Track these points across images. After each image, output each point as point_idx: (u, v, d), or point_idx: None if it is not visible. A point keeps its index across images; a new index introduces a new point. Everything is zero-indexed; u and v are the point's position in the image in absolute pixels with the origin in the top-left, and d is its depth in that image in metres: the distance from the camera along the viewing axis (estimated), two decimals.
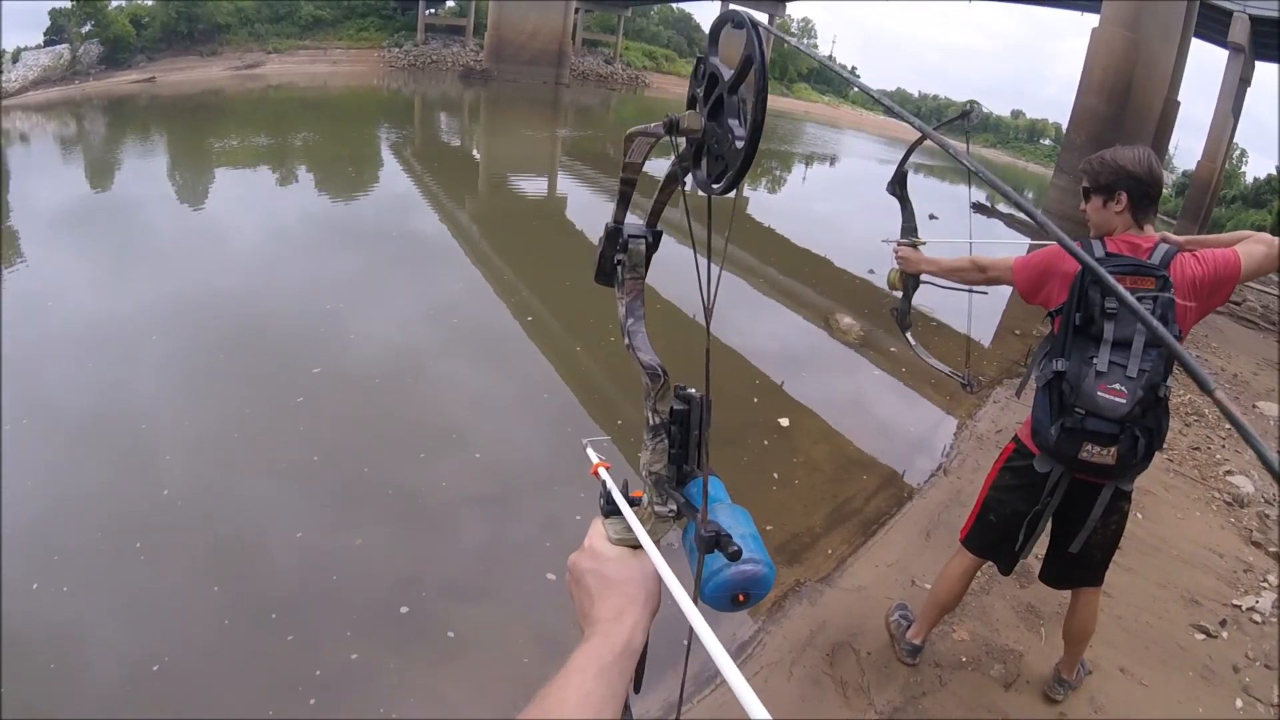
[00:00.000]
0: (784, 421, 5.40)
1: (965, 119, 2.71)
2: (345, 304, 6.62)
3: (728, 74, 0.71)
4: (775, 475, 4.67)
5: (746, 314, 7.87)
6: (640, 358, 0.86)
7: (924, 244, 2.93)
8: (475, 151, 20.11)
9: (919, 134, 2.51)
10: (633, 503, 0.89)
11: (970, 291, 2.88)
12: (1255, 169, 63.61)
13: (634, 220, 0.92)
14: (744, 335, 7.01)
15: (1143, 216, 2.32)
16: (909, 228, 2.99)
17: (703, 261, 0.80)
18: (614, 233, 0.91)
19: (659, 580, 0.81)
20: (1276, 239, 2.29)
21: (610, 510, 0.89)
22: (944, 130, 2.72)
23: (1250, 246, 2.29)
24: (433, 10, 54.27)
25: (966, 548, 2.80)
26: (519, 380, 5.70)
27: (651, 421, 0.85)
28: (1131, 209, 2.30)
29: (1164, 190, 2.48)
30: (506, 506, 4.11)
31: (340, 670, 2.91)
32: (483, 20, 46.94)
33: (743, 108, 0.71)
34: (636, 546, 0.84)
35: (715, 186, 0.73)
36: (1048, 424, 2.28)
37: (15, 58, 36.24)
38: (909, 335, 3.11)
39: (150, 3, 41.35)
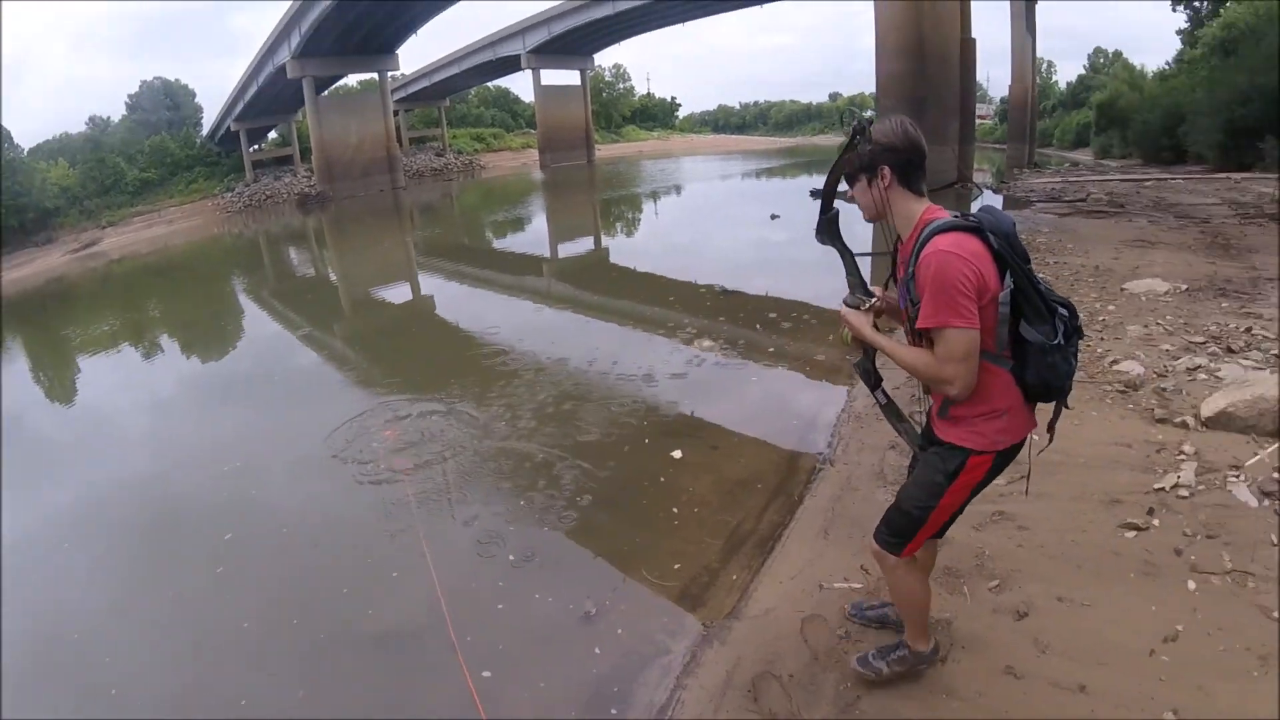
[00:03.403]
0: (676, 454, 5.38)
1: (860, 135, 2.28)
2: (253, 458, 6.44)
3: None
4: (675, 511, 4.63)
5: (623, 354, 7.95)
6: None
7: (877, 301, 2.43)
8: (331, 275, 20.04)
9: (833, 163, 2.37)
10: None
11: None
12: (1065, 74, 68.64)
13: None
14: (623, 378, 7.15)
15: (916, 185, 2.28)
16: (855, 282, 2.51)
17: None
18: None
19: None
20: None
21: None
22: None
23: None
24: (256, 146, 53.70)
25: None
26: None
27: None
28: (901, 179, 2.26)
29: (988, 121, 2.50)
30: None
31: None
32: (307, 144, 46.75)
33: None
34: None
35: None
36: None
37: None
38: (880, 392, 2.61)
39: None
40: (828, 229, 2.57)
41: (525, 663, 3.45)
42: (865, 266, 2.55)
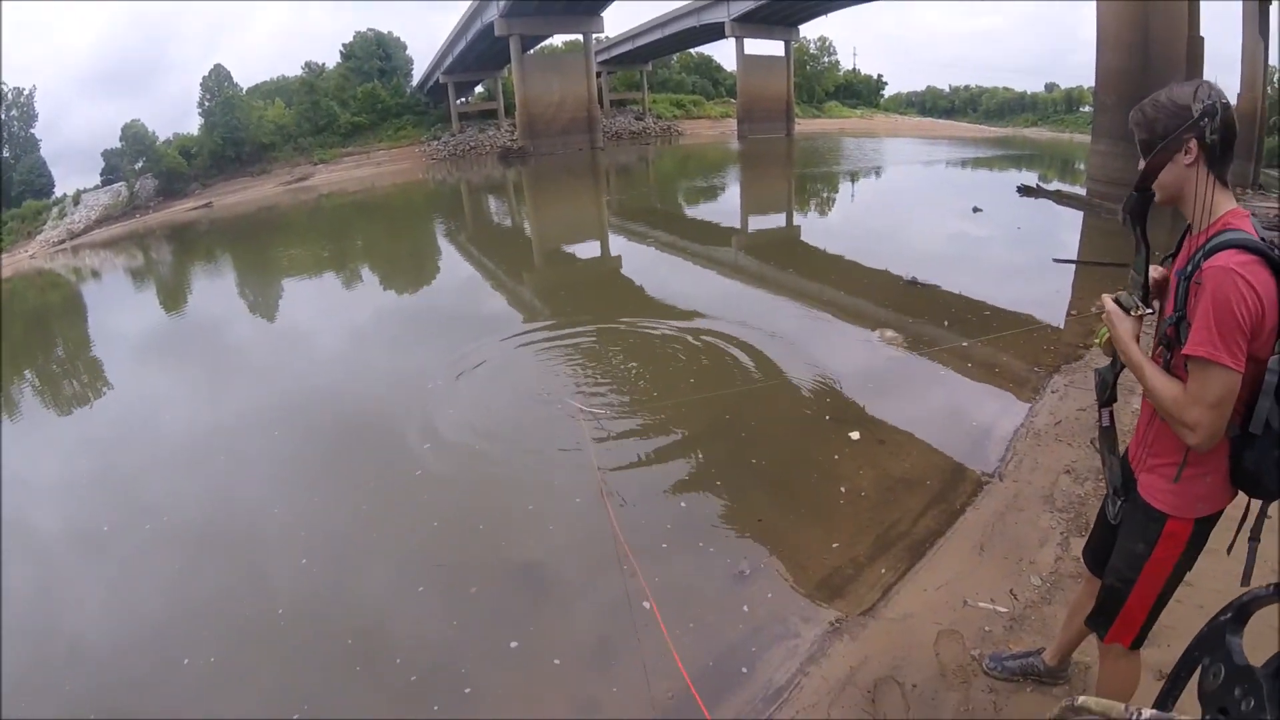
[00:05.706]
0: (854, 435, 5.33)
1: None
2: (450, 383, 7.03)
3: None
4: (842, 490, 4.65)
5: (805, 334, 7.83)
6: None
7: (1148, 313, 2.01)
8: (526, 227, 20.61)
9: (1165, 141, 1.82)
10: None
11: None
12: None
13: None
14: (802, 357, 7.01)
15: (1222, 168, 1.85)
16: (1137, 280, 2.03)
17: None
18: None
19: None
20: None
21: None
22: None
23: None
24: (463, 99, 56.32)
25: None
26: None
27: None
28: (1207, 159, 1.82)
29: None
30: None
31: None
32: (512, 100, 48.57)
33: None
34: None
35: None
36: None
37: (76, 200, 39.14)
38: (1106, 413, 2.21)
39: (196, 133, 44.33)
40: (1137, 209, 2.02)
41: (681, 603, 3.66)
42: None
